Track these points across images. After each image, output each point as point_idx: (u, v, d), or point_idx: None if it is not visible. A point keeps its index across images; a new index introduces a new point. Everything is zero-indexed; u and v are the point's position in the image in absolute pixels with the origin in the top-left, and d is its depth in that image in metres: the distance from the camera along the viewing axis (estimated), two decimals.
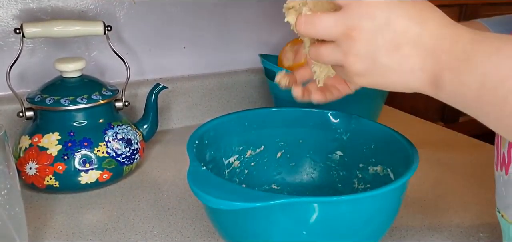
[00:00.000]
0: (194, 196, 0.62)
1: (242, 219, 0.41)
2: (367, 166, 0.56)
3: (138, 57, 0.86)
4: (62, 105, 0.62)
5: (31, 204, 0.60)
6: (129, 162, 0.66)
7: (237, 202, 0.36)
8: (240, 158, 0.58)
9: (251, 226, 0.41)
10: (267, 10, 0.98)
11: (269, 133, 0.59)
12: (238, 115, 0.57)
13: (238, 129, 0.56)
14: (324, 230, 0.40)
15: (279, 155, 0.60)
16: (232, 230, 0.44)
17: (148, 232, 0.54)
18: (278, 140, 0.60)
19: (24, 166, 0.60)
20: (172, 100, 0.89)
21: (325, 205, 0.39)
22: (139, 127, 0.72)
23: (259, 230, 0.41)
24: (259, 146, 0.59)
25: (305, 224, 0.39)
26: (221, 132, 0.54)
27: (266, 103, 0.99)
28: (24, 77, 0.77)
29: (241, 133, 0.57)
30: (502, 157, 0.42)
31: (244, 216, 0.40)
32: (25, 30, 0.63)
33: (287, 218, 0.39)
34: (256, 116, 0.58)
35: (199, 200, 0.42)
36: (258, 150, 0.59)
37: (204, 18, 0.91)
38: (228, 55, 0.97)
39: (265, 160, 0.60)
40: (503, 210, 0.44)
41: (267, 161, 0.60)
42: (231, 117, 0.56)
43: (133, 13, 0.83)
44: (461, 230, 0.55)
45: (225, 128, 0.55)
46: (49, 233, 0.53)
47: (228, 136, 0.55)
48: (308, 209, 0.38)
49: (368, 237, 0.43)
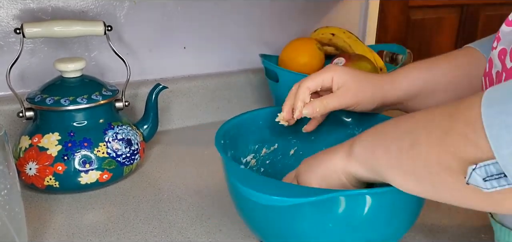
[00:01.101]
0: (194, 196, 0.62)
1: (277, 214, 0.42)
2: None
3: (138, 57, 0.86)
4: (62, 106, 0.61)
5: (31, 204, 0.60)
6: (129, 162, 0.66)
7: (290, 198, 0.37)
8: (256, 157, 0.58)
9: (283, 220, 0.42)
10: (268, 10, 0.98)
11: (282, 131, 0.59)
12: (253, 114, 0.57)
13: (253, 128, 0.57)
14: (351, 222, 0.40)
15: (292, 152, 0.61)
16: (264, 225, 0.45)
17: (148, 232, 0.54)
18: (291, 137, 0.61)
19: (24, 166, 0.60)
20: (172, 100, 0.89)
21: (375, 197, 0.39)
22: (139, 127, 0.72)
23: (290, 223, 0.42)
24: (273, 144, 0.60)
25: (332, 217, 0.40)
26: (239, 131, 0.55)
27: (266, 103, 0.99)
28: (24, 77, 0.77)
29: (256, 131, 0.58)
30: None
31: (279, 211, 0.41)
32: (26, 30, 0.62)
33: (316, 211, 0.40)
34: (269, 115, 0.59)
35: (235, 198, 0.46)
36: (272, 148, 0.60)
37: (205, 18, 0.91)
38: (228, 55, 0.97)
39: (279, 157, 0.60)
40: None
41: (281, 159, 0.61)
42: (247, 116, 0.56)
43: (134, 13, 0.83)
44: (462, 231, 0.55)
45: (242, 127, 0.55)
46: (49, 233, 0.53)
47: (244, 135, 0.56)
48: (336, 202, 0.39)
49: (397, 227, 0.44)
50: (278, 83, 0.82)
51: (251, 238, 0.53)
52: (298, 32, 1.02)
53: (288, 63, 0.85)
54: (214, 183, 0.67)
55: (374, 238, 0.42)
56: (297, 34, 1.01)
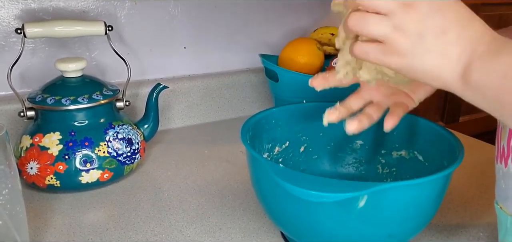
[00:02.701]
0: (194, 195, 0.62)
1: (303, 209, 0.43)
2: (390, 151, 0.59)
3: (139, 57, 0.87)
4: (63, 105, 0.62)
5: (32, 203, 0.60)
6: (130, 162, 0.66)
7: (332, 193, 0.38)
8: (270, 155, 0.59)
9: (307, 214, 0.43)
10: (268, 10, 0.98)
11: (292, 129, 0.60)
12: (267, 113, 0.58)
13: (266, 127, 0.58)
14: (372, 215, 0.41)
15: (302, 149, 0.62)
16: (288, 219, 0.46)
17: (149, 231, 0.54)
18: (301, 135, 0.61)
19: (25, 165, 0.60)
20: (173, 100, 0.89)
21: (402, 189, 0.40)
22: (140, 127, 0.72)
23: (314, 217, 0.43)
24: (284, 142, 0.60)
25: (354, 210, 0.41)
26: (256, 130, 0.55)
27: (266, 103, 0.99)
28: (25, 77, 0.77)
29: (269, 130, 0.58)
30: (502, 149, 0.43)
31: (306, 206, 0.42)
32: (27, 30, 0.63)
33: (339, 205, 0.41)
34: (282, 114, 0.59)
35: (258, 193, 0.47)
36: (284, 146, 0.61)
37: (205, 18, 0.91)
38: (228, 55, 0.97)
39: (290, 155, 0.61)
40: (501, 202, 0.45)
41: (292, 156, 0.62)
42: (262, 115, 0.57)
43: (134, 13, 0.83)
44: (460, 230, 0.55)
45: (258, 126, 0.56)
46: (50, 232, 0.54)
47: (259, 133, 0.56)
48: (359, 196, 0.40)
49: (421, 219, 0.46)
50: (278, 83, 0.82)
51: (251, 237, 0.53)
52: (298, 32, 1.02)
53: (288, 63, 0.85)
54: (214, 182, 0.67)
55: (396, 232, 0.44)
56: (297, 34, 1.02)
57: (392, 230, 0.43)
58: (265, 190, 0.47)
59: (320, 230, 0.44)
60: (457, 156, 0.45)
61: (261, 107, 0.98)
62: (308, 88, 0.52)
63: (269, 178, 0.42)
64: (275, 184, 0.40)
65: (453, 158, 0.45)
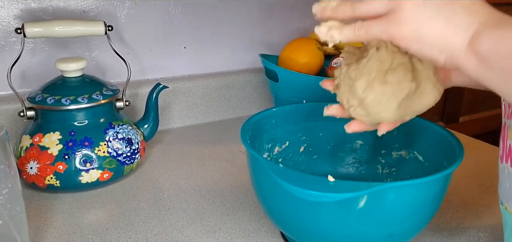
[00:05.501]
0: (194, 195, 0.62)
1: (303, 209, 0.43)
2: (390, 151, 0.59)
3: (139, 57, 0.87)
4: (63, 105, 0.62)
5: (32, 203, 0.60)
6: (130, 162, 0.66)
7: (332, 193, 0.38)
8: (270, 155, 0.59)
9: (308, 214, 0.43)
10: (267, 10, 0.98)
11: (292, 129, 0.61)
12: (267, 113, 0.58)
13: (266, 127, 0.58)
14: (372, 215, 0.41)
15: (302, 149, 0.62)
16: (288, 219, 0.46)
17: (149, 231, 0.54)
18: (301, 135, 0.62)
19: (25, 165, 0.60)
20: (172, 100, 0.89)
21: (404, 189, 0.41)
22: (140, 127, 0.72)
23: (314, 217, 0.43)
24: (284, 142, 0.61)
25: (354, 210, 0.41)
26: (256, 130, 0.55)
27: (266, 103, 0.99)
28: (25, 77, 0.77)
29: (269, 130, 0.58)
30: (508, 149, 0.42)
31: (306, 206, 0.42)
32: (26, 30, 0.63)
33: (339, 205, 0.41)
34: (282, 114, 0.60)
35: (260, 193, 0.47)
36: (284, 146, 0.61)
37: (205, 18, 0.91)
38: (228, 55, 0.97)
39: (290, 155, 0.61)
40: (506, 202, 0.44)
41: (292, 156, 0.62)
42: (262, 115, 0.57)
43: (134, 13, 0.83)
44: (460, 230, 0.55)
45: (258, 126, 0.56)
46: (50, 232, 0.54)
47: (259, 133, 0.56)
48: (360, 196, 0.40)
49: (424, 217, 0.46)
50: (278, 83, 0.82)
51: (251, 237, 0.53)
52: (298, 32, 1.02)
53: (288, 63, 0.85)
54: (214, 182, 0.67)
55: (396, 232, 0.44)
56: (297, 34, 1.01)
57: (392, 230, 0.43)
58: (265, 190, 0.47)
59: (320, 230, 0.44)
60: (457, 156, 0.45)
61: (261, 107, 0.98)
62: (308, 88, 0.52)
63: (269, 178, 0.42)
64: (275, 184, 0.40)
65: (453, 158, 0.45)
